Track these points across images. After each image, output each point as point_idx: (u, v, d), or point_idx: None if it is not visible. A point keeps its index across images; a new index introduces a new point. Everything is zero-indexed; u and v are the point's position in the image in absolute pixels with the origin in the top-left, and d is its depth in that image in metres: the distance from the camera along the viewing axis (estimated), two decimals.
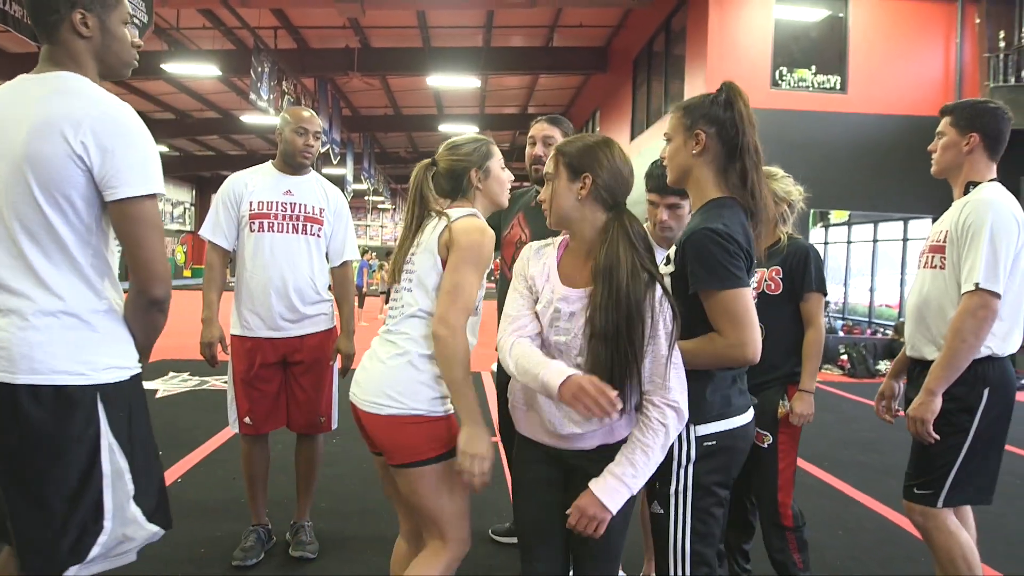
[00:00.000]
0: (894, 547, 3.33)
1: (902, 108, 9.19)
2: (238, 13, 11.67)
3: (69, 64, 1.56)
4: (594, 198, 1.68)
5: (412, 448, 1.79)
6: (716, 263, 1.63)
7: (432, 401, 1.80)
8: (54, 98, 1.48)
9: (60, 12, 1.54)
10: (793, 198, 2.55)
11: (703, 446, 1.71)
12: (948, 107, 2.35)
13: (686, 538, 1.73)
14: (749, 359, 1.66)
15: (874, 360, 9.09)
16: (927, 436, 2.19)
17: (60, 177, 1.46)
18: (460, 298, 1.75)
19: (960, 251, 2.18)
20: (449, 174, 1.96)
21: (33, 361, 1.46)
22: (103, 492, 1.50)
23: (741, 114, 1.74)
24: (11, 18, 7.07)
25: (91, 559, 1.50)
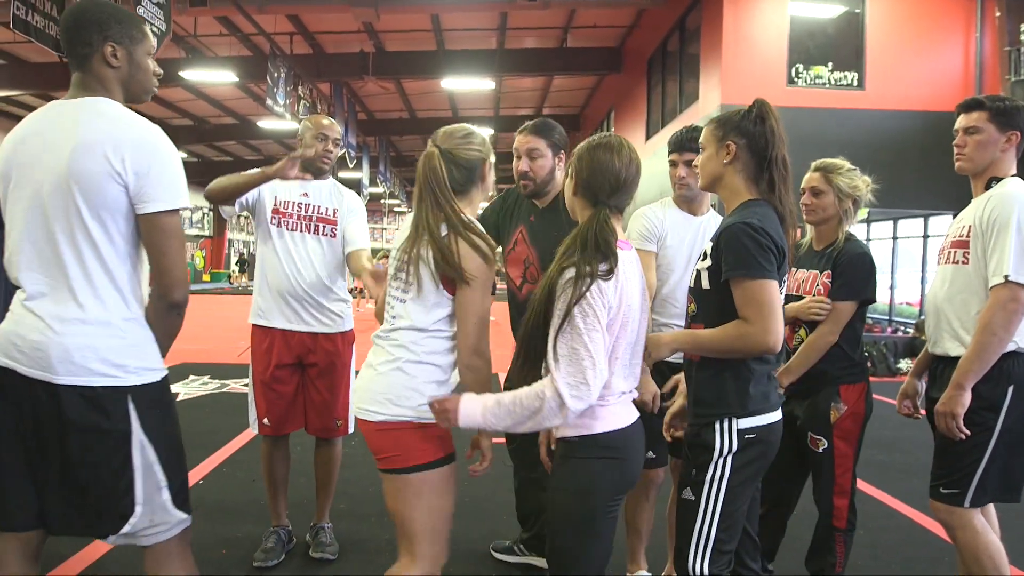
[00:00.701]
0: (916, 547, 3.30)
1: (921, 104, 9.08)
2: (254, 20, 11.78)
3: (99, 90, 1.71)
4: (580, 194, 1.81)
5: (399, 454, 1.79)
6: (748, 254, 1.74)
7: (422, 408, 1.77)
8: (95, 121, 1.64)
9: (93, 45, 1.69)
10: (859, 193, 2.45)
11: (744, 439, 1.78)
12: (977, 102, 2.28)
13: (713, 526, 1.78)
14: (771, 347, 1.74)
15: (895, 358, 8.99)
16: (957, 432, 2.16)
17: (101, 193, 1.61)
18: (485, 325, 1.80)
19: (985, 245, 2.16)
20: (468, 167, 1.91)
21: (71, 364, 1.59)
22: (134, 482, 1.64)
23: (772, 129, 1.85)
24: (33, 28, 7.19)
25: (123, 533, 1.67)
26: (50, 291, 1.63)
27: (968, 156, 2.28)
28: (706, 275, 1.84)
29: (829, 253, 2.44)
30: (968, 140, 2.27)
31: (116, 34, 1.71)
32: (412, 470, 1.79)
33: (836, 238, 2.45)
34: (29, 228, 1.64)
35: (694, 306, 1.90)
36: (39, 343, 1.60)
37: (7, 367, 1.62)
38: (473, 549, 3.12)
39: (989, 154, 2.24)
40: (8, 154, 1.70)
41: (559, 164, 2.61)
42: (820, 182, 2.45)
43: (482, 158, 1.92)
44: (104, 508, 1.64)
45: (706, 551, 1.78)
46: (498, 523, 3.37)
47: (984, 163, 2.26)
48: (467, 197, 1.92)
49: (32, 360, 1.60)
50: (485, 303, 1.79)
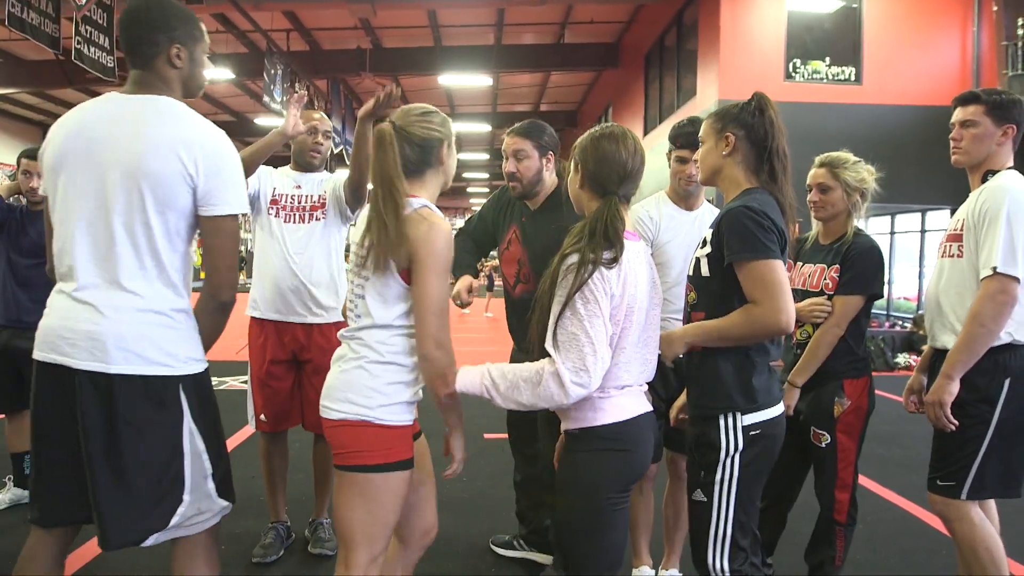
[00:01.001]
0: (914, 540, 3.31)
1: (918, 98, 9.08)
2: (251, 17, 11.75)
3: (162, 88, 1.75)
4: (586, 186, 1.81)
5: (353, 451, 1.73)
6: (750, 235, 1.71)
7: (383, 408, 1.72)
8: (167, 121, 1.67)
9: (159, 45, 1.73)
10: (867, 185, 2.43)
11: (749, 435, 1.76)
12: (973, 95, 2.27)
13: (728, 527, 1.78)
14: (784, 326, 1.71)
15: (892, 353, 9.00)
16: (945, 421, 2.17)
17: (172, 192, 1.65)
18: (445, 314, 1.71)
19: (977, 238, 2.16)
20: (423, 145, 1.79)
21: (127, 352, 1.62)
22: (184, 470, 1.69)
23: (771, 120, 1.84)
24: (29, 26, 7.16)
25: (170, 527, 1.69)
26: (104, 282, 1.65)
27: (964, 150, 2.27)
28: (705, 262, 1.82)
29: (838, 247, 2.43)
30: (964, 134, 2.27)
31: (181, 35, 1.75)
32: (362, 469, 1.72)
33: (845, 232, 2.44)
34: (87, 220, 1.66)
35: (694, 294, 1.88)
36: (93, 332, 1.61)
37: (55, 363, 1.64)
38: (473, 544, 3.13)
39: (985, 148, 2.24)
40: (59, 145, 1.70)
41: (547, 165, 2.58)
42: (827, 178, 2.44)
43: (440, 139, 1.81)
44: (156, 498, 1.65)
45: (724, 549, 1.78)
46: (498, 518, 3.38)
47: (980, 157, 2.26)
48: (421, 179, 1.81)
49: (85, 351, 1.61)
50: (439, 289, 1.69)
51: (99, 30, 7.73)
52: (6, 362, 3.23)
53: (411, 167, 1.78)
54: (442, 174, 1.85)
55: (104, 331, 1.62)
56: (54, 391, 1.65)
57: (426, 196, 1.80)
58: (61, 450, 1.67)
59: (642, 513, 2.66)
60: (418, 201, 1.75)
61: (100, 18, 7.73)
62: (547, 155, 2.58)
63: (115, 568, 2.81)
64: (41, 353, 1.67)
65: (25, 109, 18.00)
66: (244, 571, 2.82)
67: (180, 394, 1.68)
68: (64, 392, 1.63)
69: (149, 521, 1.66)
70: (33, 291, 3.17)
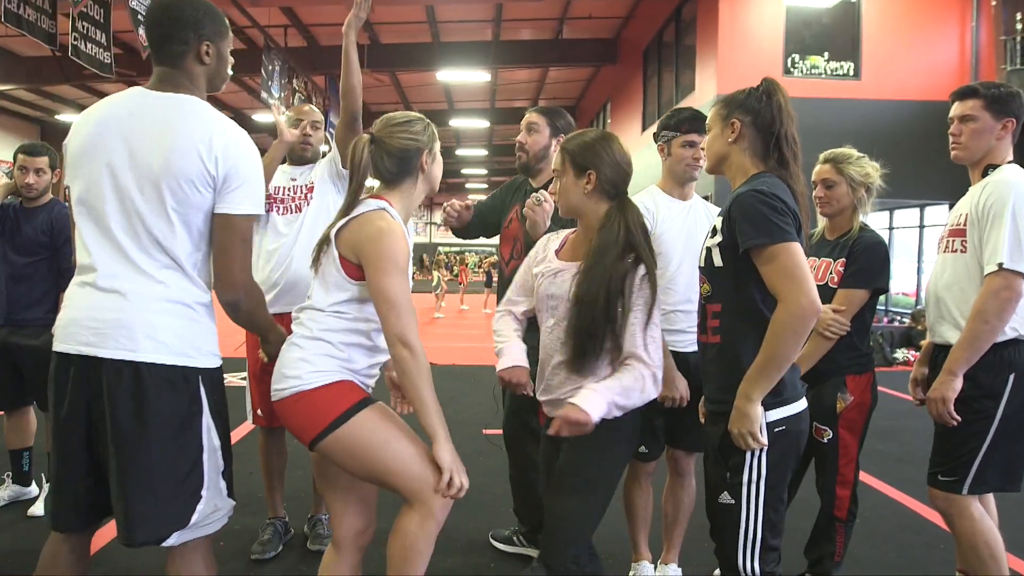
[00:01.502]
0: (912, 534, 3.31)
1: (917, 94, 9.07)
2: (248, 12, 11.71)
3: (188, 85, 1.75)
4: (598, 191, 1.86)
5: (309, 423, 1.74)
6: (763, 218, 1.66)
7: (309, 374, 1.74)
8: (191, 122, 1.67)
9: (189, 44, 1.73)
10: (871, 180, 2.42)
11: (774, 432, 1.72)
12: (971, 89, 2.25)
13: (758, 527, 1.73)
14: (816, 312, 1.65)
15: (891, 348, 9.01)
16: (948, 418, 2.16)
17: (193, 191, 1.65)
18: (403, 310, 1.71)
19: (982, 233, 2.15)
20: (399, 155, 1.83)
21: (154, 341, 1.62)
22: (203, 466, 1.68)
23: (780, 106, 1.80)
24: (25, 22, 7.14)
25: (191, 525, 1.67)
26: (128, 272, 1.65)
27: (964, 145, 2.25)
28: (717, 251, 1.77)
29: (844, 241, 2.42)
30: (963, 128, 2.24)
31: (210, 32, 1.75)
32: (330, 429, 1.72)
33: (851, 227, 2.43)
34: (111, 213, 1.66)
35: (708, 286, 1.83)
36: (121, 319, 1.61)
37: (80, 354, 1.62)
38: (472, 539, 3.13)
39: (985, 142, 2.22)
40: (85, 137, 1.70)
41: (556, 145, 2.63)
42: (832, 173, 2.43)
43: (418, 148, 1.83)
44: (178, 494, 1.64)
45: (755, 551, 1.74)
46: (497, 512, 3.38)
47: (980, 151, 2.24)
48: (398, 188, 1.85)
49: (112, 339, 1.60)
50: (392, 288, 1.70)
51: (96, 26, 7.70)
52: (4, 359, 3.21)
53: (388, 176, 1.84)
54: (424, 182, 1.88)
55: (132, 319, 1.62)
56: (76, 383, 1.64)
57: (399, 204, 1.83)
58: (79, 447, 1.66)
59: (641, 508, 2.66)
60: (376, 203, 1.78)
61: (97, 14, 7.70)
62: (558, 137, 2.66)
63: (113, 567, 2.80)
64: (64, 345, 1.66)
65: (22, 105, 17.96)
66: (243, 568, 2.81)
67: (200, 386, 1.69)
68: (86, 383, 1.63)
69: (173, 518, 1.65)
70: (30, 289, 3.16)
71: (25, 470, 3.44)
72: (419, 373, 1.71)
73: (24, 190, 3.18)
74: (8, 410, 3.38)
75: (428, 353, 1.81)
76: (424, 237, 42.75)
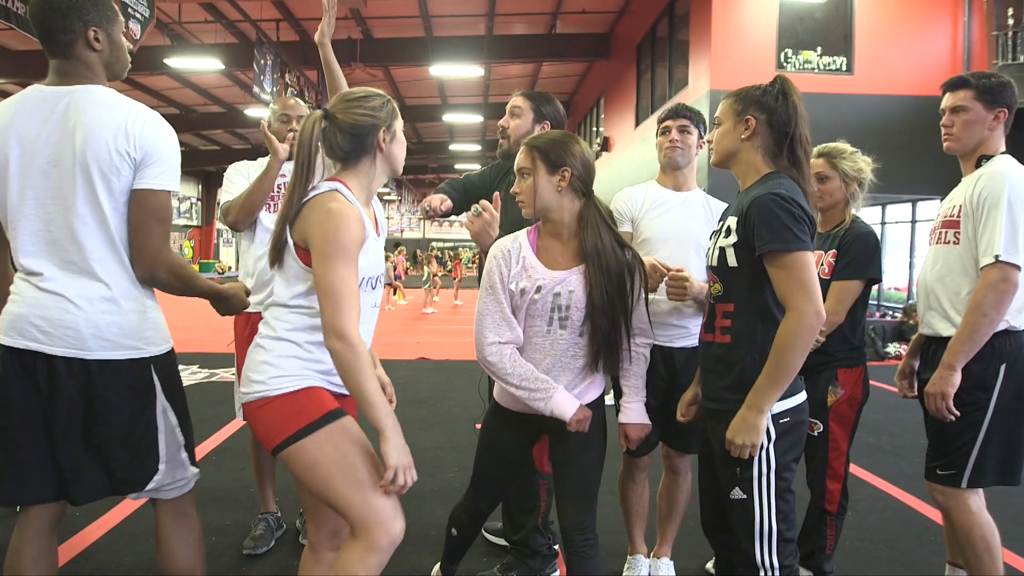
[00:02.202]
0: (903, 527, 3.33)
1: (909, 88, 9.10)
2: (240, 6, 11.66)
3: (86, 75, 1.73)
4: (572, 188, 1.91)
5: (271, 431, 1.66)
6: (782, 225, 1.67)
7: (274, 379, 1.67)
8: (100, 109, 1.68)
9: (75, 31, 1.71)
10: (864, 176, 2.44)
11: (779, 424, 1.74)
12: (962, 80, 2.24)
13: (772, 519, 1.74)
14: (820, 324, 1.69)
15: (883, 343, 9.05)
16: (946, 413, 2.15)
17: (117, 176, 1.67)
18: (342, 300, 1.59)
19: (976, 224, 2.13)
20: (353, 131, 1.70)
21: (103, 340, 1.68)
22: (159, 443, 1.77)
23: (795, 106, 1.79)
24: (14, 15, 7.08)
25: (146, 490, 1.79)
26: (68, 272, 1.68)
27: (956, 136, 2.24)
28: (732, 252, 1.77)
29: (835, 233, 2.42)
30: (955, 120, 2.23)
31: (95, 17, 1.72)
32: (291, 440, 1.63)
33: (842, 220, 2.44)
34: (42, 214, 1.68)
35: (719, 286, 1.83)
36: (67, 321, 1.66)
37: (28, 349, 1.66)
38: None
39: (977, 133, 2.21)
40: (8, 136, 1.69)
41: (538, 131, 2.53)
42: (825, 168, 2.43)
43: (375, 124, 1.70)
44: (132, 471, 1.74)
45: (772, 544, 1.74)
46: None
47: (972, 142, 2.22)
48: (354, 168, 1.74)
49: (61, 339, 1.66)
50: (337, 275, 1.59)
51: None
52: None
53: (341, 155, 1.72)
54: (384, 162, 1.76)
55: (79, 321, 1.67)
56: (25, 375, 1.67)
57: (356, 186, 1.73)
58: (34, 432, 1.69)
59: (636, 503, 2.66)
60: (329, 184, 1.68)
61: None
62: (543, 123, 2.55)
63: (100, 564, 2.79)
64: (9, 339, 1.68)
65: None
66: (235, 563, 2.81)
67: (152, 374, 1.75)
68: (34, 376, 1.67)
69: (126, 487, 1.77)
70: None
71: None
72: (357, 367, 1.57)
73: None
74: None
75: (421, 348, 1.81)
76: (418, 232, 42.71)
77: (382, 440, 1.60)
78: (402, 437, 1.62)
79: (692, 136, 2.48)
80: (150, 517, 1.89)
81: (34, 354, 1.66)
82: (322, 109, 1.71)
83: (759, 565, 1.75)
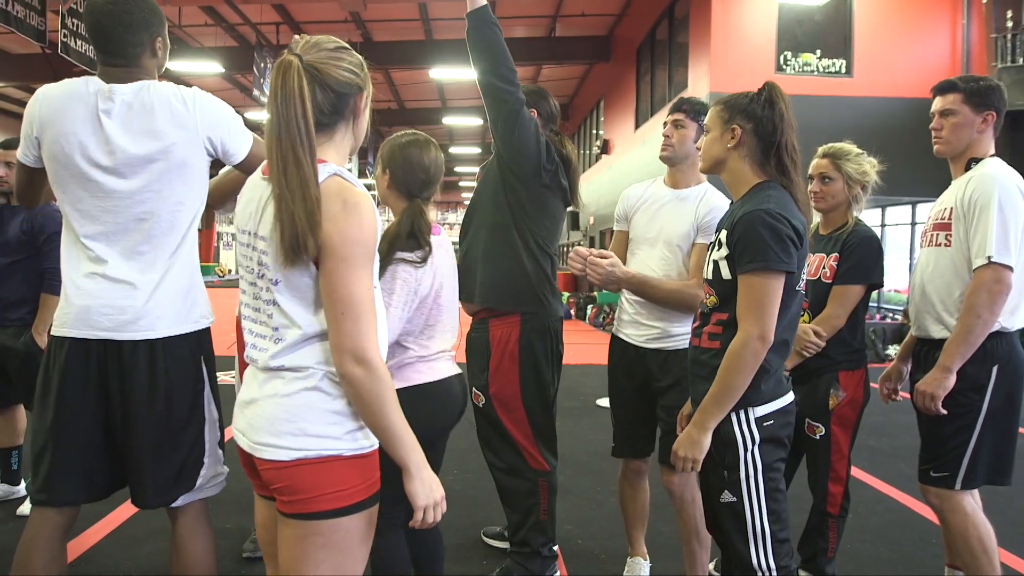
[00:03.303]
0: (904, 529, 3.33)
1: (909, 91, 9.10)
2: (240, 10, 11.67)
3: (142, 77, 1.84)
4: (395, 189, 2.05)
5: (317, 496, 1.31)
6: (763, 243, 1.66)
7: (352, 435, 1.34)
8: (172, 102, 1.79)
9: (144, 44, 1.84)
10: (868, 178, 2.42)
11: (763, 427, 1.74)
12: (950, 83, 2.26)
13: (764, 520, 1.74)
14: (764, 349, 1.68)
15: (883, 345, 9.05)
16: (935, 412, 2.16)
17: (191, 165, 1.80)
18: (364, 315, 1.28)
19: (967, 226, 2.15)
20: (339, 88, 1.35)
21: (165, 320, 1.79)
22: (205, 435, 1.87)
23: (782, 115, 1.78)
24: (14, 19, 7.09)
25: (196, 488, 1.87)
26: (129, 261, 1.78)
27: (945, 139, 2.26)
28: (725, 264, 1.76)
29: (837, 236, 2.41)
30: (944, 123, 2.25)
31: (158, 28, 1.87)
32: (332, 515, 1.31)
33: (845, 222, 2.43)
34: (104, 201, 1.76)
35: (714, 298, 1.81)
36: (133, 307, 1.76)
37: (93, 338, 1.75)
38: (465, 535, 3.13)
39: (966, 136, 2.23)
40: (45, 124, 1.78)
41: None
42: (829, 168, 2.42)
43: (358, 85, 1.39)
44: (186, 461, 1.83)
45: (766, 546, 1.74)
46: (490, 509, 3.37)
47: (961, 145, 2.24)
48: (331, 136, 1.38)
49: (129, 323, 1.75)
50: (361, 284, 1.28)
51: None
52: None
53: (322, 119, 1.34)
54: (355, 133, 1.44)
55: (139, 306, 1.77)
56: (87, 366, 1.76)
57: (336, 158, 1.39)
58: (82, 427, 1.78)
59: (631, 505, 2.66)
60: (324, 169, 1.30)
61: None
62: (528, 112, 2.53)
63: (103, 567, 2.79)
64: (75, 330, 1.77)
65: (11, 103, 17.85)
66: (235, 566, 2.80)
67: (203, 363, 1.88)
68: (97, 365, 1.76)
69: (182, 482, 1.84)
70: (11, 289, 3.10)
71: (14, 468, 3.41)
72: (383, 398, 1.29)
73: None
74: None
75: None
76: None
77: (407, 477, 1.34)
78: (430, 469, 1.37)
79: (687, 130, 2.43)
80: (150, 520, 1.92)
81: (100, 342, 1.76)
82: (294, 55, 1.30)
83: (756, 568, 1.74)
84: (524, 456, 2.48)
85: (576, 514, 3.40)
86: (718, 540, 1.88)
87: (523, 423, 2.47)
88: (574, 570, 2.85)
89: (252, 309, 1.40)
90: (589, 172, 18.02)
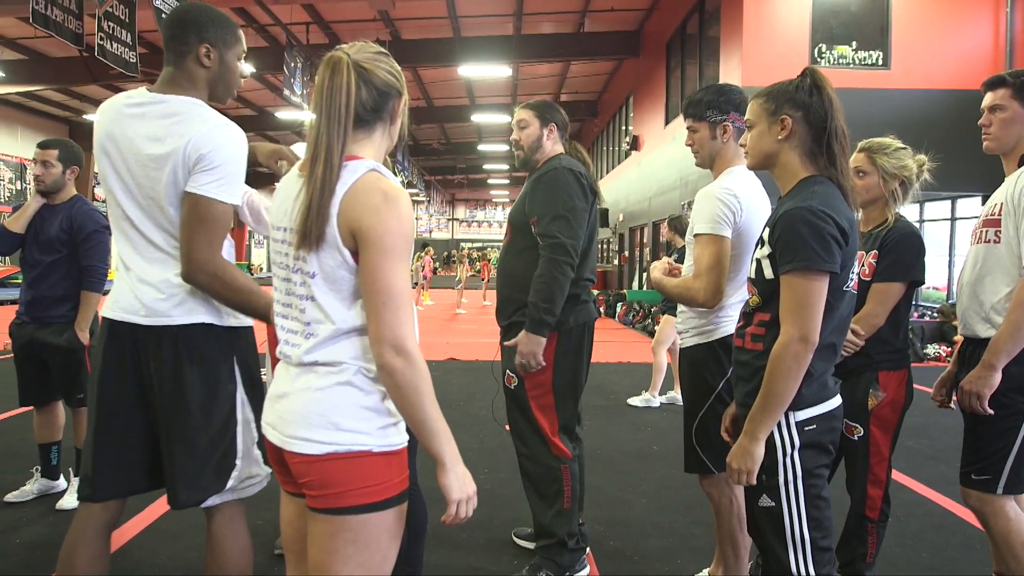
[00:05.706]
0: (945, 533, 3.24)
1: (949, 82, 8.88)
2: (270, 10, 11.80)
3: (188, 88, 1.84)
4: None
5: (346, 491, 1.33)
6: (803, 242, 1.60)
7: (385, 431, 1.36)
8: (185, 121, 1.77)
9: (190, 44, 1.83)
10: (908, 173, 2.34)
11: (804, 431, 1.68)
12: (1000, 79, 2.21)
13: (804, 527, 1.69)
14: (807, 350, 1.61)
15: (922, 343, 8.85)
16: (982, 411, 2.10)
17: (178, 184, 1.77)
18: (403, 305, 1.31)
19: (1017, 222, 2.10)
20: (383, 88, 1.41)
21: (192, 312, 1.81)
22: (237, 436, 1.87)
23: (830, 99, 1.71)
24: (53, 23, 7.24)
25: (227, 489, 1.86)
26: (152, 266, 1.82)
27: (994, 135, 2.22)
28: (767, 263, 1.71)
29: (877, 233, 2.35)
30: (993, 119, 2.21)
31: (212, 36, 1.85)
32: (361, 510, 1.33)
33: (884, 219, 2.36)
34: (127, 214, 1.82)
35: (757, 298, 1.77)
36: (161, 308, 1.80)
37: (127, 321, 1.81)
38: (494, 535, 3.12)
39: (1015, 132, 2.18)
40: (105, 135, 1.83)
41: (549, 135, 2.75)
42: (864, 163, 2.36)
43: (398, 88, 1.45)
44: (215, 459, 1.82)
45: (806, 553, 1.69)
46: (520, 509, 3.35)
47: (1011, 141, 2.19)
48: (370, 134, 1.42)
49: (154, 314, 1.80)
50: (399, 275, 1.31)
51: (121, 26, 7.79)
52: (32, 357, 3.25)
53: (364, 116, 1.39)
54: (391, 135, 1.49)
55: (167, 307, 1.81)
56: (122, 344, 1.82)
57: (373, 156, 1.43)
58: (122, 415, 1.82)
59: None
60: (364, 164, 1.35)
61: (122, 14, 7.79)
62: (549, 125, 2.76)
63: (136, 564, 2.83)
64: (113, 313, 1.84)
65: (50, 106, 18.28)
66: (266, 563, 2.82)
67: (234, 363, 1.87)
68: (131, 346, 1.81)
69: (210, 481, 1.83)
70: (53, 286, 3.18)
71: (54, 463, 3.49)
72: (421, 389, 1.31)
73: (34, 182, 3.23)
74: (37, 406, 3.43)
75: (451, 349, 1.80)
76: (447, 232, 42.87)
77: (442, 471, 1.35)
78: (463, 464, 1.38)
79: (699, 133, 2.37)
80: (187, 516, 1.93)
81: (133, 327, 1.80)
82: (344, 54, 1.37)
83: (795, 575, 1.70)
84: (547, 442, 2.59)
85: (607, 514, 3.36)
86: (758, 544, 1.84)
87: (550, 410, 2.60)
88: (606, 571, 2.82)
89: (284, 305, 1.43)
90: (618, 169, 17.90)
